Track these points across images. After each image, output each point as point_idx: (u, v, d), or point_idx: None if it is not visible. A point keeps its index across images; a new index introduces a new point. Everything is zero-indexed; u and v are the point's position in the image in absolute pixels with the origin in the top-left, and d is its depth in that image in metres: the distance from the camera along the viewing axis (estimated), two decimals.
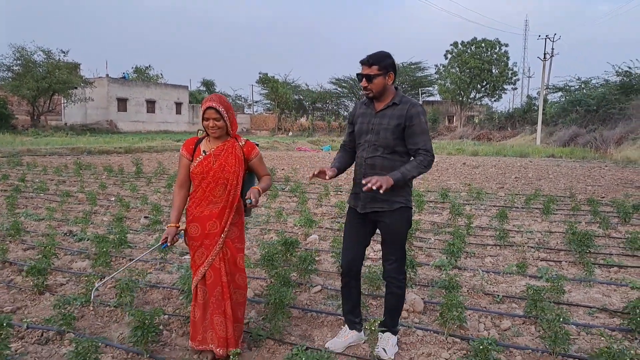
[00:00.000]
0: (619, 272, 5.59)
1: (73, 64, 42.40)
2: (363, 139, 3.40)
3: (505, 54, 52.02)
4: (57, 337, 3.70)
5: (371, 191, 3.10)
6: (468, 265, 5.74)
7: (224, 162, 3.21)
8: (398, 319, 3.65)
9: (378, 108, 3.37)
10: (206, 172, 3.19)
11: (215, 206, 3.21)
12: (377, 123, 3.34)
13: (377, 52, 3.30)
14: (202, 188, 3.22)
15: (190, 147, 3.30)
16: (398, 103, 3.32)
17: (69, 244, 6.50)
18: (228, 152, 3.25)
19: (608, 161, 23.36)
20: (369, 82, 3.28)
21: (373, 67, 3.24)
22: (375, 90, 3.30)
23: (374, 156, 3.33)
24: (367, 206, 3.38)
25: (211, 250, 3.21)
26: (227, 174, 3.20)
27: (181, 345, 3.63)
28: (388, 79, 3.30)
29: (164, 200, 10.08)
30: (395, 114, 3.30)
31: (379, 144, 3.32)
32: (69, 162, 18.29)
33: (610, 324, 4.10)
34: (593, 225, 7.94)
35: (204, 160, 3.22)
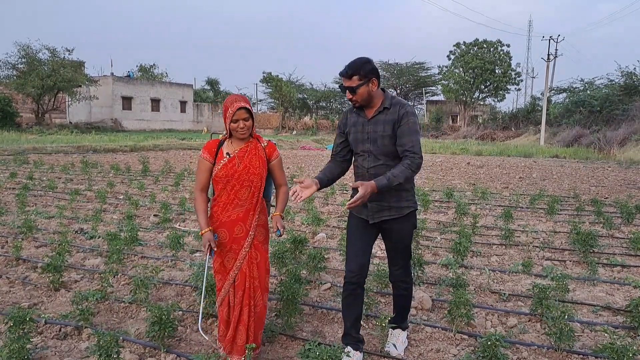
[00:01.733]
0: (622, 271, 5.67)
1: (78, 62, 42.58)
2: (360, 148, 3.28)
3: (508, 55, 52.08)
4: (75, 332, 3.81)
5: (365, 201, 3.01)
6: (474, 264, 5.83)
7: (249, 164, 3.14)
8: (407, 316, 3.72)
9: (370, 115, 3.24)
10: (231, 174, 3.12)
11: (241, 209, 3.16)
12: (372, 131, 3.22)
13: (354, 61, 3.16)
14: (227, 191, 3.15)
15: (213, 150, 3.19)
16: (389, 107, 3.20)
17: (81, 241, 6.62)
18: (252, 153, 3.18)
19: (611, 162, 23.40)
20: (352, 93, 3.16)
21: (354, 78, 3.13)
22: (360, 100, 3.18)
23: (376, 165, 3.22)
24: (375, 216, 3.27)
25: (238, 253, 3.18)
26: (252, 175, 3.14)
27: (196, 340, 3.73)
28: (372, 86, 3.16)
29: (171, 198, 10.20)
30: (389, 119, 3.18)
31: (378, 153, 3.21)
32: (75, 160, 18.43)
33: (614, 321, 4.19)
34: (597, 226, 8.02)
35: (228, 163, 3.13)
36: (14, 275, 5.18)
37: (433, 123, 55.40)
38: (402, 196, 3.23)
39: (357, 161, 3.34)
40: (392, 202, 3.21)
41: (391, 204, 3.22)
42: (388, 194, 3.17)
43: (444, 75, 54.98)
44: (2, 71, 39.17)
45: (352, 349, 3.34)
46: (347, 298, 3.39)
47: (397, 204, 3.23)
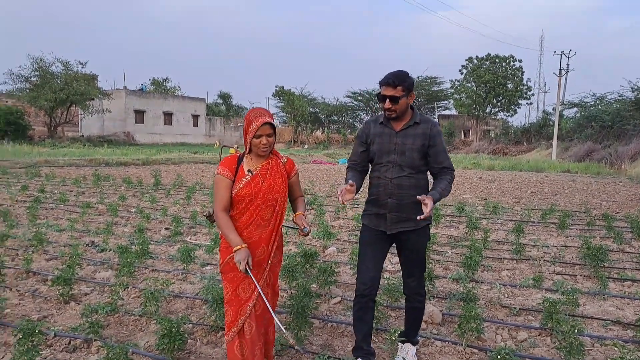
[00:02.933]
0: (632, 285, 5.61)
1: (91, 75, 43.09)
2: (385, 159, 3.30)
3: (520, 69, 52.07)
4: (84, 345, 3.83)
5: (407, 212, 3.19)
6: (485, 278, 5.80)
7: (272, 182, 2.97)
8: (418, 330, 3.72)
9: (398, 127, 3.30)
10: (255, 193, 2.92)
11: (264, 230, 2.97)
12: (400, 143, 3.27)
13: (399, 72, 3.22)
14: (251, 211, 2.93)
15: (233, 167, 2.96)
16: (419, 122, 3.29)
17: (92, 254, 6.67)
18: (274, 170, 3.01)
19: (623, 177, 23.20)
20: (394, 103, 3.19)
21: (398, 88, 3.16)
22: (399, 111, 3.22)
23: (400, 176, 3.26)
24: (394, 227, 3.31)
25: (259, 279, 2.94)
26: (276, 194, 2.98)
27: (205, 353, 3.74)
28: (410, 99, 3.25)
29: (183, 212, 10.26)
30: (419, 133, 3.27)
31: (405, 164, 3.26)
32: (87, 174, 18.62)
33: (624, 336, 4.15)
34: (607, 240, 7.95)
35: (251, 181, 2.93)
36: (24, 287, 5.21)
37: (445, 137, 55.06)
38: (420, 208, 3.17)
39: (379, 171, 3.34)
40: (411, 213, 3.22)
41: (409, 216, 3.25)
42: (408, 206, 3.23)
43: (456, 90, 55.01)
44: (16, 84, 39.58)
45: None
46: (358, 311, 3.40)
47: (415, 215, 3.20)
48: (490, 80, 50.33)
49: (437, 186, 3.25)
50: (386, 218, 3.31)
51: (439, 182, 3.29)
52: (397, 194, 3.25)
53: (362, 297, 3.37)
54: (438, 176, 3.34)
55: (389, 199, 3.27)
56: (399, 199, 3.26)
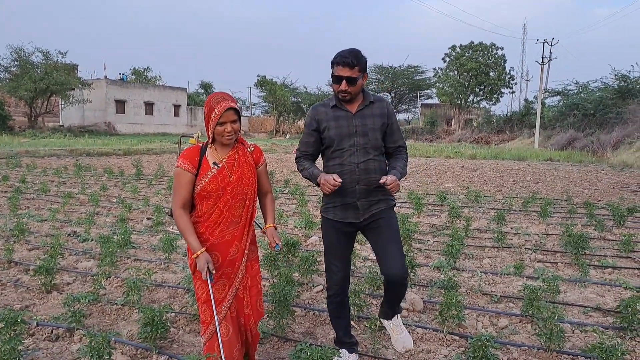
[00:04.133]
0: (613, 273, 5.71)
1: (71, 65, 42.51)
2: (347, 143, 3.09)
3: (502, 58, 52.36)
4: (66, 334, 3.81)
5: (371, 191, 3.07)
6: (466, 266, 5.86)
7: (241, 174, 2.74)
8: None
9: (354, 109, 3.13)
10: (223, 187, 2.68)
11: (236, 227, 2.75)
12: (360, 124, 3.10)
13: (356, 51, 3.02)
14: (220, 208, 2.70)
15: (195, 159, 2.69)
16: (374, 101, 3.17)
17: (74, 244, 6.61)
18: (241, 161, 2.77)
19: (605, 165, 23.54)
20: (351, 85, 3.00)
21: (355, 69, 2.97)
22: (354, 92, 3.05)
23: (366, 160, 3.09)
24: (366, 212, 3.16)
25: (233, 278, 2.78)
26: (245, 187, 2.75)
27: (188, 341, 3.73)
28: (364, 80, 3.08)
29: (165, 201, 10.18)
30: (376, 113, 3.15)
31: (370, 146, 3.11)
32: (69, 164, 18.37)
33: (604, 322, 4.23)
34: (589, 228, 8.07)
35: (218, 175, 2.68)
36: (6, 277, 5.16)
37: (427, 127, 55.56)
38: (385, 189, 3.09)
39: (341, 157, 3.11)
40: (380, 195, 3.16)
41: (380, 197, 3.18)
42: (375, 191, 3.13)
43: (439, 78, 55.19)
44: None
45: (347, 352, 3.37)
46: (334, 310, 3.36)
47: (385, 196, 3.19)
48: (473, 69, 50.55)
49: (397, 165, 3.19)
50: (357, 206, 3.14)
51: (396, 160, 3.23)
52: (365, 179, 3.09)
53: (335, 296, 3.30)
54: (393, 156, 3.28)
55: (357, 185, 3.09)
56: (367, 184, 3.10)
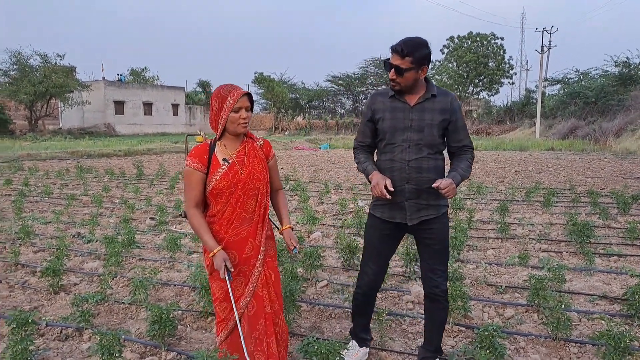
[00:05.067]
0: (618, 260, 5.71)
1: (69, 67, 42.47)
2: (400, 137, 2.87)
3: (501, 47, 52.25)
4: (76, 333, 3.83)
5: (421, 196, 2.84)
6: (471, 258, 5.86)
7: (252, 169, 2.65)
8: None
9: (412, 101, 2.87)
10: (235, 184, 2.59)
11: (250, 223, 2.67)
12: (416, 119, 2.85)
13: (413, 40, 2.77)
14: (232, 205, 2.61)
15: (204, 157, 2.61)
16: (437, 95, 2.89)
17: (79, 245, 6.62)
18: (251, 155, 2.68)
19: (607, 153, 23.51)
20: (398, 74, 2.78)
21: (406, 59, 2.74)
22: (403, 84, 2.82)
23: (419, 157, 2.85)
24: (414, 216, 2.92)
25: (249, 276, 2.69)
26: (257, 182, 2.65)
27: (196, 338, 3.75)
28: (421, 74, 2.82)
29: (167, 201, 10.20)
30: (437, 107, 2.87)
31: (424, 143, 2.85)
32: (70, 166, 18.38)
33: (611, 310, 4.23)
34: (593, 216, 8.07)
35: (229, 171, 2.60)
36: (14, 279, 5.18)
37: None
38: (439, 194, 2.83)
39: (392, 153, 2.90)
40: (430, 200, 2.89)
41: (430, 202, 2.91)
42: (426, 193, 2.87)
43: (438, 70, 55.08)
44: None
45: (357, 344, 3.35)
46: (357, 307, 3.26)
47: (436, 202, 2.92)
48: (472, 60, 50.47)
49: (458, 166, 2.91)
50: (404, 207, 2.91)
51: (458, 161, 2.95)
52: (416, 179, 2.85)
53: (364, 295, 3.20)
54: (456, 156, 3.00)
55: (407, 185, 2.86)
56: (417, 184, 2.86)
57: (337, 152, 26.79)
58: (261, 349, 2.67)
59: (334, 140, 36.43)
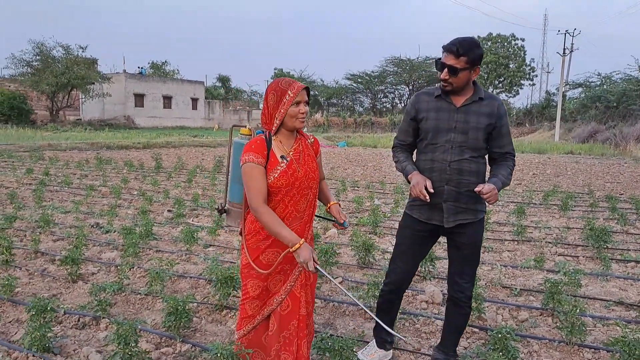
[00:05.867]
0: (635, 267, 5.64)
1: (91, 59, 42.98)
2: (442, 138, 2.84)
3: (522, 49, 51.73)
4: (93, 322, 3.91)
5: None
6: (486, 259, 5.84)
7: (308, 168, 2.58)
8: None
9: (459, 103, 2.84)
10: (292, 183, 2.51)
11: (299, 222, 2.59)
12: (462, 120, 2.82)
13: (467, 40, 2.73)
14: (285, 203, 2.54)
15: (264, 152, 2.48)
16: (484, 98, 2.85)
17: (97, 235, 6.73)
18: (305, 153, 2.62)
19: (627, 158, 23.14)
20: (452, 74, 2.73)
21: (461, 59, 2.69)
22: (456, 85, 2.77)
23: (461, 159, 2.82)
24: (451, 219, 2.88)
25: (289, 274, 2.62)
26: (311, 181, 2.59)
27: (210, 331, 3.80)
28: (473, 74, 2.78)
29: (185, 194, 10.30)
30: (483, 111, 2.83)
31: (467, 146, 2.82)
32: (90, 157, 18.65)
33: (626, 316, 4.19)
34: (611, 222, 7.97)
35: (288, 169, 2.50)
36: (33, 267, 5.29)
37: None
38: (478, 198, 2.84)
39: (434, 153, 2.87)
40: (469, 204, 2.87)
41: (468, 206, 2.88)
42: (465, 196, 2.85)
43: None
44: (17, 68, 39.71)
45: (377, 345, 3.33)
46: (382, 304, 3.22)
47: (474, 206, 2.89)
48: (492, 61, 50.06)
49: (499, 173, 2.88)
50: (442, 209, 2.88)
51: (499, 168, 2.92)
52: (456, 181, 2.83)
53: (390, 293, 3.17)
54: (497, 162, 2.97)
55: (446, 186, 2.83)
56: (457, 186, 2.83)
57: (355, 150, 26.76)
58: (290, 349, 2.61)
59: (351, 138, 36.39)
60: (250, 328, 2.66)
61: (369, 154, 23.44)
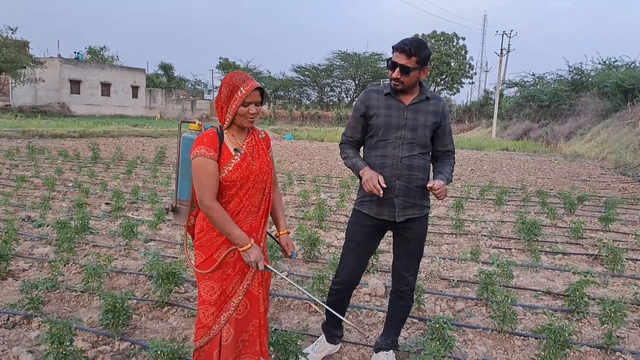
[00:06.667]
0: (563, 258, 5.99)
1: (22, 42, 40.79)
2: (393, 134, 2.92)
3: (463, 48, 53.46)
4: (24, 321, 3.73)
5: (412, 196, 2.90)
6: (426, 252, 6.00)
7: (261, 162, 2.54)
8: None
9: (407, 101, 2.93)
10: (247, 176, 2.47)
11: (254, 217, 2.55)
12: (411, 118, 2.91)
13: (418, 41, 2.81)
14: (240, 197, 2.48)
15: (217, 146, 2.42)
16: (430, 98, 2.97)
17: (28, 229, 6.42)
18: (259, 147, 2.57)
19: (558, 155, 24.43)
20: (404, 74, 2.80)
21: (413, 59, 2.77)
22: (407, 84, 2.85)
23: (411, 155, 2.91)
24: (401, 214, 2.95)
25: (246, 272, 2.55)
26: (265, 175, 2.56)
27: (151, 328, 3.72)
28: (423, 74, 2.88)
29: (124, 186, 9.98)
30: (430, 109, 2.95)
31: (416, 142, 2.92)
32: (21, 146, 17.70)
33: (554, 305, 4.46)
34: (541, 216, 8.41)
35: (242, 162, 2.46)
36: None
37: None
38: (424, 193, 2.97)
39: (385, 149, 2.94)
40: (417, 199, 2.96)
41: (416, 202, 2.97)
42: (414, 191, 2.94)
43: None
44: None
45: (326, 338, 3.36)
46: (333, 302, 3.18)
47: (421, 202, 2.98)
48: (435, 59, 51.42)
49: (444, 170, 3.00)
50: (393, 204, 2.94)
51: (443, 166, 3.05)
52: (406, 176, 2.91)
53: (340, 291, 3.19)
54: (440, 160, 3.10)
55: (397, 181, 2.90)
56: (407, 182, 2.91)
57: (301, 144, 26.76)
58: (253, 350, 2.58)
59: (298, 131, 36.36)
60: (207, 340, 2.52)
61: (316, 148, 23.52)
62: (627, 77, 26.90)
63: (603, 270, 5.50)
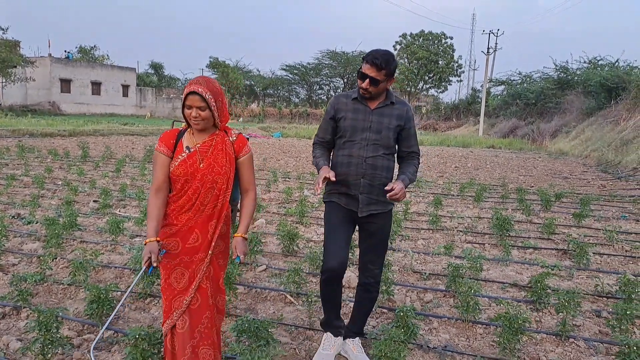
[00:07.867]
0: (533, 253, 6.26)
1: (13, 41, 40.41)
2: (359, 136, 3.15)
3: (451, 47, 53.89)
4: (13, 312, 3.93)
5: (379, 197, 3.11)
6: (402, 247, 6.27)
7: (213, 162, 2.65)
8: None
9: (373, 105, 3.18)
10: (191, 173, 2.62)
11: (201, 215, 2.67)
12: (376, 121, 3.16)
13: (387, 54, 3.05)
14: (189, 194, 2.64)
15: (171, 142, 2.66)
16: (395, 103, 3.22)
17: (18, 226, 6.59)
18: (217, 148, 2.67)
19: (543, 152, 24.81)
20: (373, 85, 3.05)
21: (382, 72, 3.01)
22: (374, 93, 3.11)
23: (375, 155, 3.15)
24: (365, 209, 3.18)
25: (192, 268, 2.66)
26: (217, 175, 2.65)
27: (134, 318, 3.93)
28: (389, 84, 3.13)
29: (112, 184, 10.15)
30: (394, 113, 3.19)
31: (380, 143, 3.16)
32: (11, 145, 17.77)
33: (518, 296, 4.72)
34: (518, 212, 8.69)
35: (187, 159, 2.62)
36: None
37: None
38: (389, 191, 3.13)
39: (351, 149, 3.17)
40: (380, 196, 3.14)
41: (379, 198, 3.17)
42: (377, 188, 3.14)
43: None
44: None
45: (332, 335, 3.43)
46: (327, 293, 3.33)
47: (384, 198, 3.12)
48: (423, 57, 51.82)
49: (406, 170, 3.24)
50: (358, 199, 3.17)
51: (407, 166, 3.29)
52: (370, 175, 3.14)
53: (331, 279, 3.26)
54: (405, 160, 3.33)
55: (362, 179, 3.14)
56: (371, 180, 3.14)
57: (289, 141, 26.97)
58: (209, 341, 2.67)
59: (287, 129, 36.55)
60: (170, 324, 2.63)
61: (303, 145, 23.73)
62: (610, 75, 27.36)
63: (570, 264, 5.77)
